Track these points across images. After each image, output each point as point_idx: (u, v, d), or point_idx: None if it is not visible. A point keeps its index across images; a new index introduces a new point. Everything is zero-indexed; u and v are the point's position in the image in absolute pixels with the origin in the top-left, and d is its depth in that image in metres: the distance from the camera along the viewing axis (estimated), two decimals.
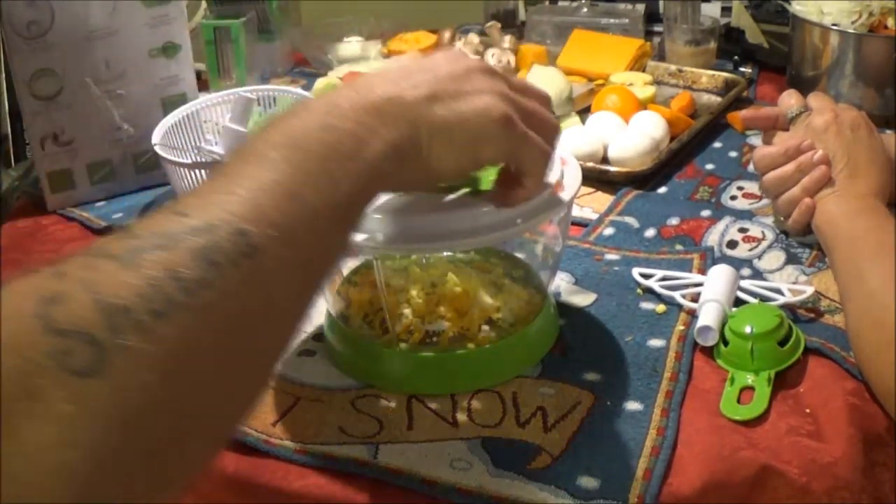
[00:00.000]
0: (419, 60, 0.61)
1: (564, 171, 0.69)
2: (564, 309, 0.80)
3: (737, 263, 0.85)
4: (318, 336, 0.78)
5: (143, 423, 0.38)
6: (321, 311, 0.77)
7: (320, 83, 1.28)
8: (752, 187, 1.01)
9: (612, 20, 1.43)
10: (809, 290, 0.79)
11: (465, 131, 0.57)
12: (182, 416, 0.40)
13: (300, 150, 0.49)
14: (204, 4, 1.36)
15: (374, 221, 0.63)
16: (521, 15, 1.52)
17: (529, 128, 0.60)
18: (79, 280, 0.38)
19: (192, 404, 0.41)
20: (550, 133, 0.63)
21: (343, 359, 0.74)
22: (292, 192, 0.47)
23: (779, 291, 0.80)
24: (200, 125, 1.05)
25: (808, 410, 0.69)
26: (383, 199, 0.64)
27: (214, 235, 0.42)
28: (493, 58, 1.33)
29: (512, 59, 1.34)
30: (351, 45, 1.42)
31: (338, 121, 0.52)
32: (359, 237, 0.63)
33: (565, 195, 0.67)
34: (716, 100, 1.23)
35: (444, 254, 0.76)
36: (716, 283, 0.79)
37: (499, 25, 1.42)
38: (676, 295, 0.80)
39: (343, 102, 0.54)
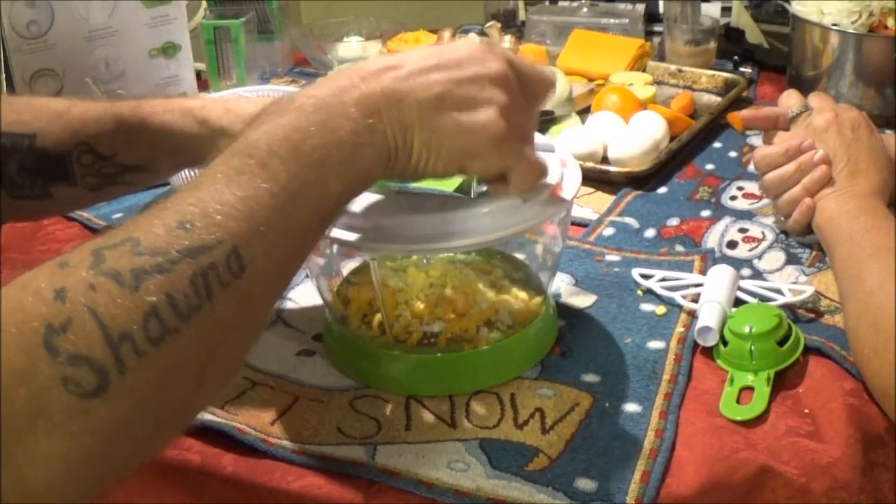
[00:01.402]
0: (445, 51, 0.59)
1: (564, 171, 0.69)
2: (564, 310, 0.80)
3: (737, 264, 0.85)
4: (317, 336, 0.77)
5: (134, 429, 0.43)
6: (321, 312, 0.77)
7: None
8: (752, 187, 1.01)
9: (612, 20, 1.43)
10: (809, 291, 0.79)
11: (458, 143, 0.58)
12: (164, 416, 0.46)
13: (298, 157, 0.51)
14: (204, 4, 1.36)
15: (374, 222, 0.63)
16: (521, 15, 1.52)
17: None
18: (83, 305, 0.42)
19: (174, 403, 0.46)
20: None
21: (342, 359, 0.74)
22: (284, 206, 0.50)
23: (779, 291, 0.80)
24: None
25: (807, 411, 0.69)
26: (383, 199, 0.65)
27: (211, 257, 0.46)
28: None
29: None
30: (351, 45, 1.42)
31: (338, 120, 0.53)
32: (358, 238, 0.63)
33: (565, 195, 0.67)
34: (716, 100, 1.22)
35: (445, 255, 0.76)
36: (716, 284, 0.79)
37: (499, 25, 1.42)
38: (677, 296, 0.80)
39: (346, 96, 0.55)
